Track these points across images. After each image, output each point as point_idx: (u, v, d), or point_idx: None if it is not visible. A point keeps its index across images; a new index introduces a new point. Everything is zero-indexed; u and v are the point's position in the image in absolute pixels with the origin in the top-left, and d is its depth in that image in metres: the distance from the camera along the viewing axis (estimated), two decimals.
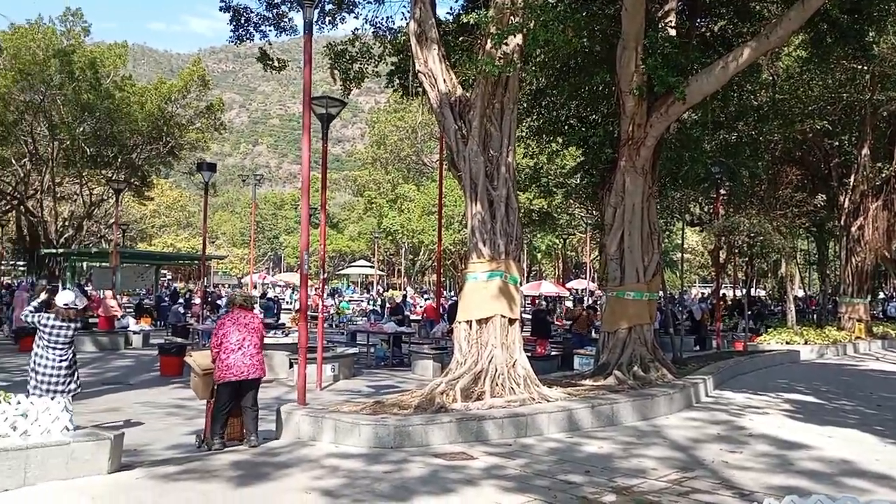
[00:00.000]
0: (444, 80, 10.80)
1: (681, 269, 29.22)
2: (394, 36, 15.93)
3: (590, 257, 46.38)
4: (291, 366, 14.17)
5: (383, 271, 68.59)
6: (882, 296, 42.14)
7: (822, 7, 11.01)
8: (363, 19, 15.82)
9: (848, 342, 21.98)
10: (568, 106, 15.71)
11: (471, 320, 9.91)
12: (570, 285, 46.93)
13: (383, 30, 16.12)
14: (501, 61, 10.00)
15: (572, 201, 29.33)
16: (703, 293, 45.75)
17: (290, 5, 15.69)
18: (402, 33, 15.25)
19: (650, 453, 7.68)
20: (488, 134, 10.63)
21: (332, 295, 44.73)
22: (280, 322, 23.27)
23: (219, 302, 30.48)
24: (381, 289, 58.04)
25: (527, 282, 42.64)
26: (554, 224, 34.45)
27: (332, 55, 15.36)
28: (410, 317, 26.12)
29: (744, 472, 6.97)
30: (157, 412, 10.60)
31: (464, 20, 12.18)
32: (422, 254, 62.53)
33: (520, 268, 10.66)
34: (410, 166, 62.05)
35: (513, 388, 9.37)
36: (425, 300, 36.10)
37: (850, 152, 24.21)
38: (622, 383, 10.91)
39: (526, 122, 17.13)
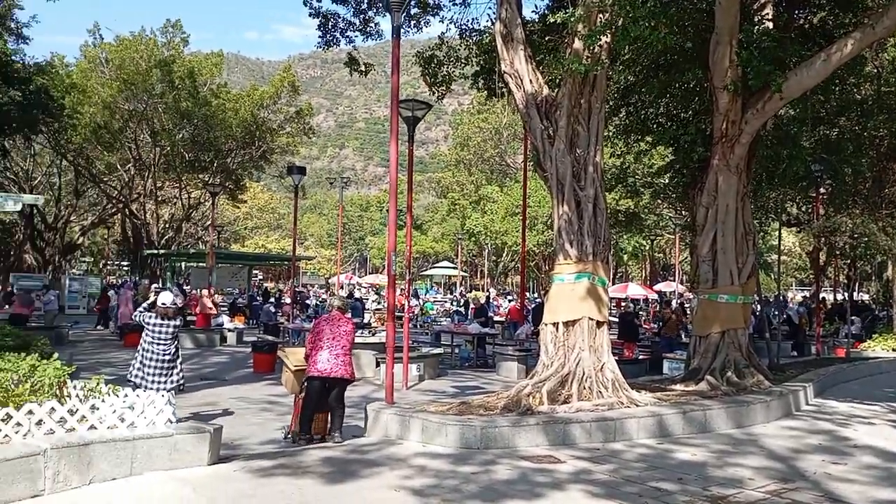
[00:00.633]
0: (531, 81, 10.73)
1: (777, 272, 28.01)
2: (479, 37, 15.95)
3: (678, 259, 45.10)
4: (378, 365, 14.41)
5: (466, 272, 68.82)
6: None
7: None
8: (448, 21, 15.87)
9: None
10: (657, 104, 15.29)
11: (557, 322, 9.80)
12: (657, 288, 45.79)
13: (468, 31, 16.18)
14: (589, 60, 9.85)
15: (660, 201, 28.64)
16: (805, 296, 43.72)
17: (377, 10, 15.98)
18: (487, 34, 15.24)
19: (746, 462, 7.39)
20: (575, 133, 10.49)
21: (416, 296, 45.20)
22: (366, 322, 23.69)
23: (308, 302, 31.35)
24: (463, 290, 58.24)
25: (613, 284, 41.87)
26: (641, 225, 33.77)
27: (420, 61, 15.54)
28: (494, 318, 26.09)
29: (848, 484, 6.62)
30: (252, 408, 10.98)
31: (550, 20, 12.05)
32: (505, 255, 62.38)
33: (607, 269, 10.48)
34: (494, 167, 62.00)
35: (600, 391, 9.21)
36: (508, 301, 35.98)
37: None
38: (715, 389, 10.55)
39: (613, 122, 16.82)
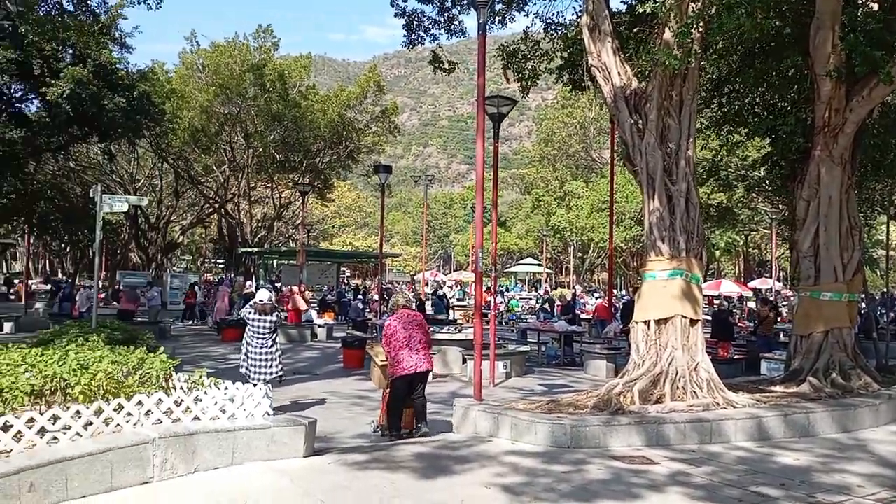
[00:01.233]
0: (619, 73, 10.51)
1: (885, 268, 26.45)
2: (564, 31, 15.75)
3: (775, 255, 43.26)
4: (465, 362, 14.47)
5: (551, 269, 68.19)
6: None
7: None
8: (533, 16, 15.73)
9: None
10: (753, 93, 14.68)
11: (649, 320, 9.57)
12: (752, 285, 44.05)
13: (554, 25, 16.00)
14: (681, 51, 9.56)
15: (755, 195, 27.53)
16: None
17: (461, 8, 16.01)
18: (572, 27, 15.03)
19: (854, 468, 7.02)
20: (666, 127, 10.21)
21: (501, 293, 45.13)
22: (452, 318, 23.83)
23: None
24: (548, 287, 57.75)
25: (705, 281, 40.57)
26: (734, 220, 32.57)
27: (504, 55, 15.48)
28: (581, 316, 25.75)
29: None
30: (343, 402, 11.24)
31: (639, 10, 11.77)
32: (591, 251, 61.46)
33: (701, 266, 10.15)
34: (579, 162, 61.16)
35: (695, 391, 8.93)
36: (595, 299, 35.43)
37: None
38: (818, 391, 10.05)
39: (705, 113, 16.26)
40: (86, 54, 25.13)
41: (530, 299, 44.09)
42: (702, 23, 9.52)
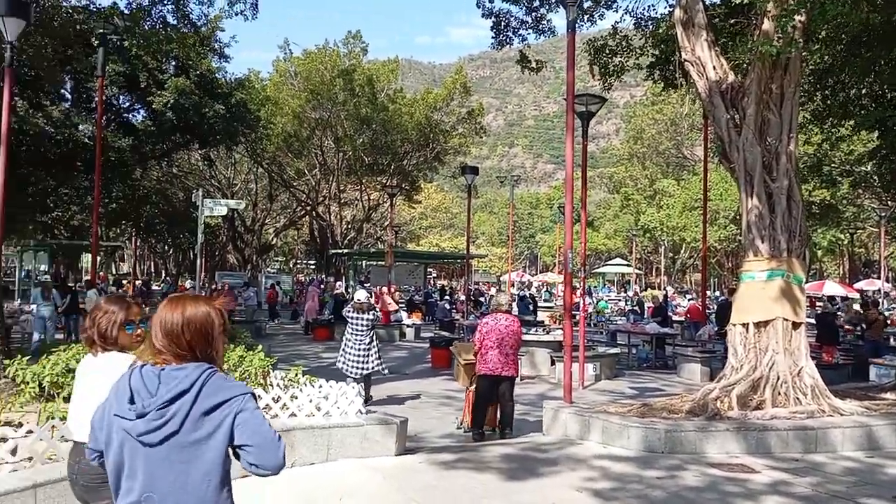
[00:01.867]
0: (714, 67, 10.16)
1: None
2: (655, 26, 15.38)
3: (883, 254, 40.81)
4: (553, 363, 14.32)
5: (640, 270, 66.66)
6: None
7: None
8: (623, 11, 15.43)
9: None
10: (860, 85, 13.91)
11: (747, 323, 9.20)
12: (857, 286, 41.69)
13: (644, 20, 15.65)
14: (781, 42, 9.15)
15: (861, 191, 26.07)
16: None
17: (549, 7, 15.87)
18: (664, 22, 14.65)
19: None
20: (765, 121, 9.79)
21: (589, 294, 44.46)
22: (539, 320, 23.64)
23: (481, 299, 31.85)
24: (637, 288, 56.46)
25: (806, 282, 38.69)
26: (838, 217, 30.93)
27: (591, 51, 15.26)
28: (673, 318, 25.04)
29: None
30: (431, 402, 11.33)
31: (735, 1, 11.35)
32: (683, 251, 59.71)
33: (803, 266, 9.68)
34: (670, 160, 59.55)
35: (798, 398, 8.53)
36: (688, 300, 34.39)
37: None
38: None
39: (807, 107, 15.52)
40: (187, 65, 26.39)
41: (619, 300, 43.24)
42: (804, 12, 9.09)
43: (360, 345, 10.18)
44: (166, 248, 53.00)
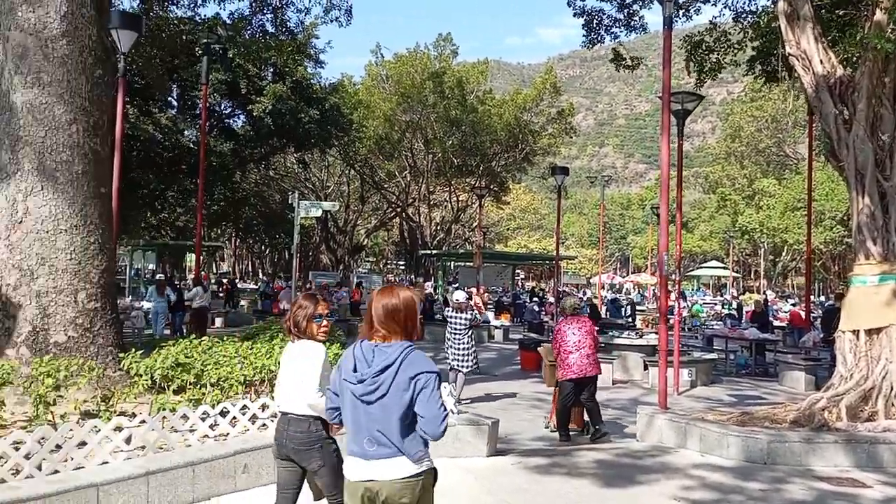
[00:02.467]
0: (821, 61, 9.66)
1: None
2: (756, 19, 14.81)
3: None
4: (646, 368, 13.99)
5: (738, 273, 64.19)
6: None
7: None
8: (722, 5, 14.94)
9: None
10: None
11: (857, 330, 8.71)
12: None
13: (744, 14, 15.09)
14: (895, 34, 8.62)
15: None
16: None
17: (643, 3, 15.54)
18: (765, 15, 14.09)
19: None
20: (878, 117, 9.24)
21: (683, 297, 43.15)
22: (632, 323, 23.16)
23: None
24: (734, 292, 54.38)
25: None
26: None
27: (688, 47, 14.84)
28: (773, 323, 23.97)
29: None
30: (521, 403, 11.27)
31: None
32: (784, 254, 57.10)
33: None
34: (770, 159, 57.10)
35: None
36: (790, 305, 32.86)
37: None
38: None
39: None
40: (284, 72, 27.31)
41: (715, 304, 41.76)
42: None
43: (459, 343, 10.62)
44: (263, 248, 54.99)
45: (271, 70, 28.01)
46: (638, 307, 33.74)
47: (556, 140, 43.01)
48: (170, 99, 28.03)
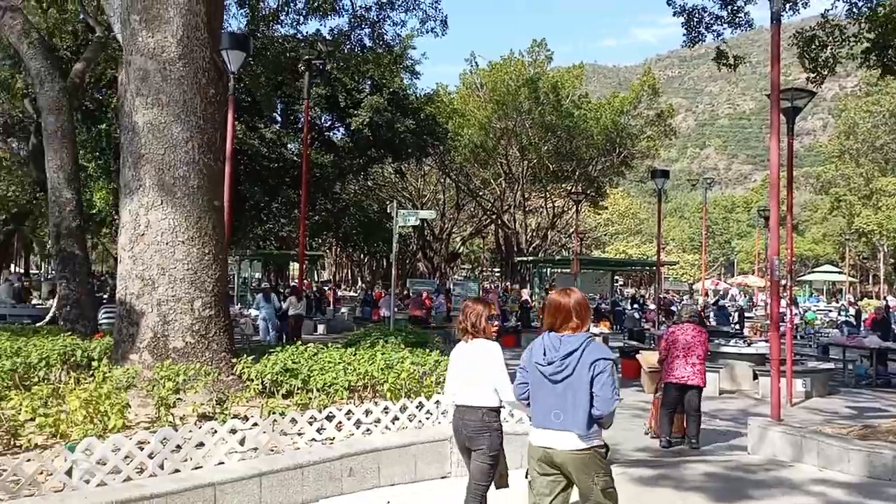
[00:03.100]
0: None
1: None
2: (869, 9, 13.97)
3: None
4: (755, 377, 13.41)
5: (854, 277, 60.47)
6: None
7: None
8: None
9: None
10: None
11: None
12: None
13: (858, 4, 14.25)
14: None
15: None
16: None
17: None
18: (883, 5, 13.28)
19: None
20: None
21: (795, 304, 41.05)
22: (739, 331, 22.25)
23: (672, 308, 30.58)
24: (851, 297, 51.26)
25: None
26: None
27: (800, 42, 14.17)
28: None
29: None
30: (623, 413, 10.99)
31: None
32: None
33: None
34: (889, 156, 53.54)
35: None
36: None
37: None
38: None
39: None
40: (381, 84, 27.94)
41: (829, 311, 39.51)
42: None
43: None
44: (362, 256, 56.26)
45: (369, 83, 28.71)
46: (746, 314, 32.36)
47: (656, 143, 41.97)
48: (274, 114, 29.20)
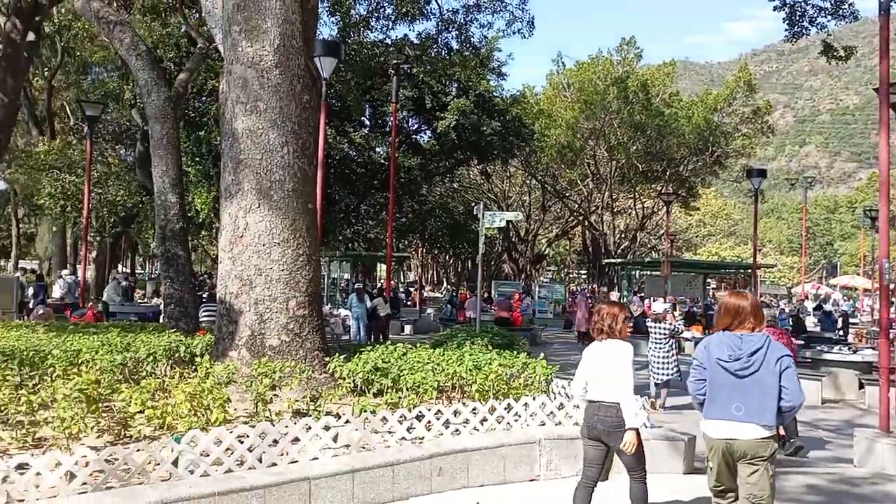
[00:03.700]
0: None
1: None
2: None
3: None
4: (861, 387, 12.73)
5: None
6: None
7: None
8: None
9: None
10: None
11: None
12: None
13: None
14: None
15: None
16: None
17: None
18: None
19: None
20: None
21: None
22: (843, 337, 21.14)
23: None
24: None
25: None
26: None
27: None
28: None
29: None
30: None
31: None
32: None
33: None
34: None
35: None
36: None
37: None
38: None
39: None
40: (468, 86, 28.05)
41: None
42: None
43: (659, 352, 11.12)
44: (447, 257, 56.63)
45: (455, 85, 28.88)
46: (850, 320, 30.68)
47: (752, 141, 40.41)
48: (363, 118, 29.79)
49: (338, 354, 7.76)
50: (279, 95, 7.78)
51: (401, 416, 6.13)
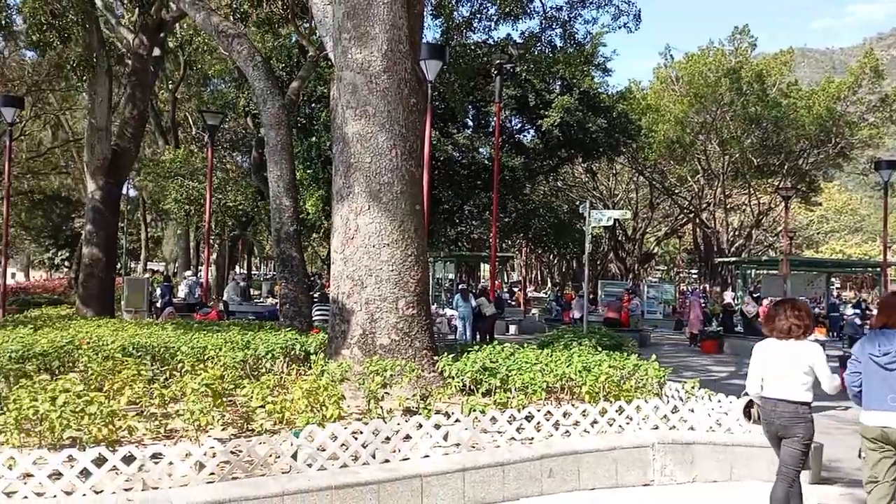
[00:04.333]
0: None
1: None
2: None
3: None
4: None
5: None
6: None
7: None
8: None
9: None
10: None
11: None
12: None
13: None
14: None
15: None
16: None
17: None
18: None
19: None
20: None
21: None
22: None
23: None
24: None
25: None
26: None
27: None
28: None
29: None
30: (844, 428, 10.06)
31: None
32: None
33: None
34: None
35: None
36: None
37: None
38: None
39: None
40: (572, 83, 27.70)
41: None
42: None
43: None
44: (552, 257, 56.05)
45: (559, 83, 28.58)
46: None
47: (879, 130, 37.74)
48: (466, 119, 29.98)
49: (446, 354, 7.84)
50: (387, 99, 7.94)
51: (510, 417, 6.13)
